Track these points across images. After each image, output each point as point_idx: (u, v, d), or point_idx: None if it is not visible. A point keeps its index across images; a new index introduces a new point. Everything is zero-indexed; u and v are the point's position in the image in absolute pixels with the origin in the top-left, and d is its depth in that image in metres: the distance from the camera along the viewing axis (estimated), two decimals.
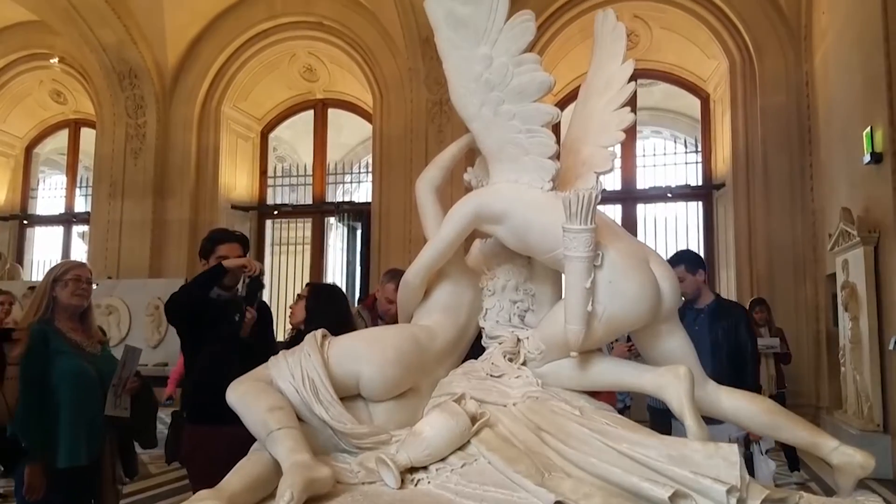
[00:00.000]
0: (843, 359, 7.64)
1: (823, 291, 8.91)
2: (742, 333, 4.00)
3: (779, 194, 9.39)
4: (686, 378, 2.06)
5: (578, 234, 2.02)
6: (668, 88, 11.85)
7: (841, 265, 7.69)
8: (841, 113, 8.03)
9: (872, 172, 6.97)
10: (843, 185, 7.96)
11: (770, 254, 9.37)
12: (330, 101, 12.47)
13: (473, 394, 2.19)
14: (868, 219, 7.09)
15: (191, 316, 3.24)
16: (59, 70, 12.47)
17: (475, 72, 2.27)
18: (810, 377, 8.91)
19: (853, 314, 7.32)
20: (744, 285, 9.52)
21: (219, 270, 3.21)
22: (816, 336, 9.02)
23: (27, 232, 13.87)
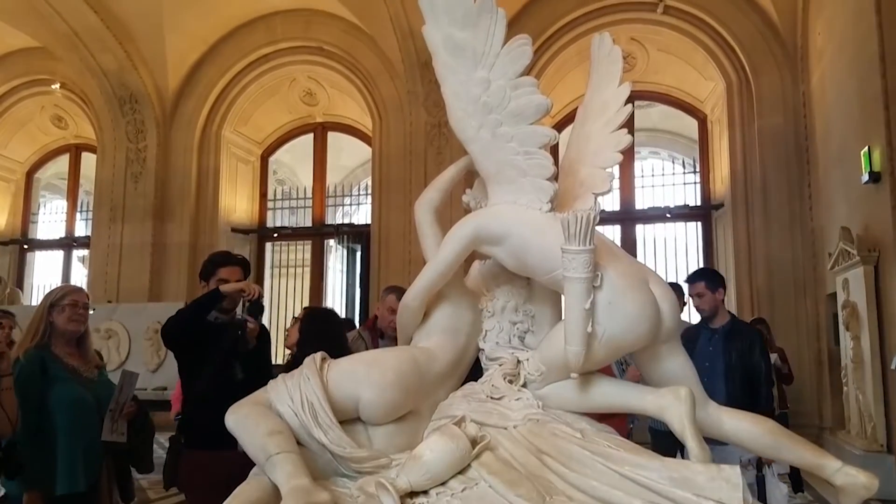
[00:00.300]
0: (845, 378, 7.60)
1: (824, 311, 8.88)
2: (756, 355, 3.98)
3: (778, 214, 9.42)
4: (687, 399, 2.05)
5: (577, 254, 2.02)
6: (666, 109, 11.94)
7: (841, 284, 7.68)
8: (838, 133, 8.07)
9: (871, 192, 6.98)
10: (842, 204, 7.98)
11: (770, 273, 9.37)
12: (329, 124, 12.55)
13: (474, 416, 2.18)
14: (867, 238, 7.09)
15: (187, 340, 3.21)
16: (61, 95, 12.55)
17: (473, 95, 2.29)
18: (812, 397, 8.86)
19: (854, 333, 7.29)
20: (744, 305, 9.50)
21: (215, 295, 3.17)
22: (818, 356, 8.98)
23: (27, 256, 13.87)
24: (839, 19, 7.80)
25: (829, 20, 8.18)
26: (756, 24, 9.58)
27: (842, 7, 7.68)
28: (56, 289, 3.35)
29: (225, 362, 3.14)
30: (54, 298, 3.25)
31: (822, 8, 8.41)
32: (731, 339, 4.00)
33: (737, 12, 9.64)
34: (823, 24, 8.41)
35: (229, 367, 3.14)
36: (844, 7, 7.59)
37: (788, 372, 7.02)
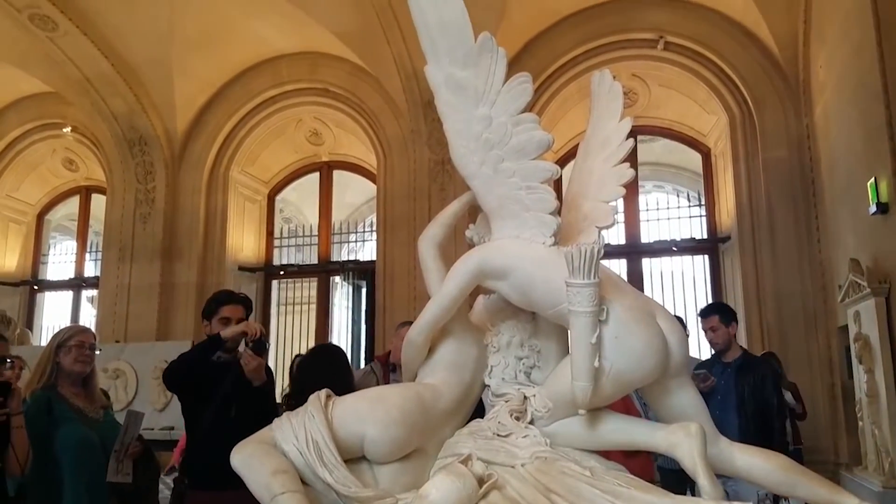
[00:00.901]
0: (860, 413, 7.46)
1: (836, 344, 8.77)
2: (768, 390, 3.97)
3: (785, 246, 9.37)
4: (698, 436, 2.03)
5: (582, 288, 2.02)
6: (669, 143, 11.99)
7: (853, 317, 7.59)
8: (844, 164, 8.08)
9: (879, 223, 6.96)
10: (850, 236, 7.94)
11: (779, 306, 9.29)
12: (335, 163, 12.68)
13: (480, 454, 2.16)
14: (877, 269, 7.04)
15: (189, 384, 3.22)
16: (72, 139, 12.74)
17: (475, 131, 2.32)
18: (827, 433, 8.69)
19: (868, 366, 7.18)
20: (754, 339, 9.40)
21: (216, 341, 3.18)
22: (831, 390, 8.85)
23: (37, 297, 13.93)
24: (840, 52, 7.87)
25: (830, 53, 8.26)
26: (757, 59, 9.67)
27: (842, 40, 7.76)
28: (63, 329, 3.38)
29: (227, 402, 3.12)
30: (61, 339, 3.27)
31: (822, 41, 8.49)
32: (743, 373, 3.99)
33: (737, 47, 9.74)
34: (825, 57, 8.49)
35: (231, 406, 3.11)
36: (845, 40, 7.67)
37: (802, 409, 6.90)
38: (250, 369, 3.12)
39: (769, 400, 3.93)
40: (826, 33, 8.34)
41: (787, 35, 9.21)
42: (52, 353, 3.24)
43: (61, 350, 3.25)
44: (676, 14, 9.86)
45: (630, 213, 11.32)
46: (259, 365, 3.15)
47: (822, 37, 8.49)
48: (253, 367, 3.11)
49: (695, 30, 9.83)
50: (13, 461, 2.77)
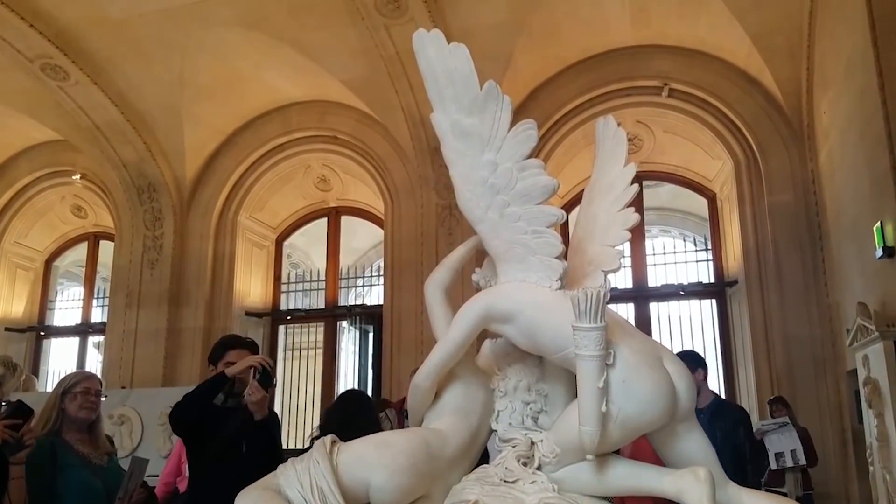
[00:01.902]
0: (870, 458, 7.32)
1: (845, 388, 8.67)
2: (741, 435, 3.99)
3: (793, 290, 9.34)
4: (707, 481, 2.01)
5: (589, 332, 2.02)
6: (675, 189, 12.06)
7: (861, 361, 7.52)
8: (850, 208, 8.10)
9: (886, 267, 6.95)
10: (857, 279, 7.92)
11: (788, 351, 9.21)
12: (343, 208, 12.77)
13: (487, 500, 2.15)
14: (885, 313, 6.99)
15: (194, 424, 3.19)
16: (81, 186, 12.90)
17: (481, 177, 2.36)
18: (839, 478, 8.52)
19: (878, 411, 7.07)
20: (763, 383, 9.30)
21: (220, 380, 3.16)
22: (842, 435, 8.70)
23: (44, 343, 13.93)
24: (843, 98, 7.97)
25: (834, 99, 8.36)
26: (761, 105, 9.78)
27: (845, 86, 7.86)
28: (69, 375, 3.38)
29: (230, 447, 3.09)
30: (67, 385, 3.28)
31: (826, 87, 8.61)
32: (716, 418, 4.02)
33: (741, 93, 9.87)
34: (828, 103, 8.59)
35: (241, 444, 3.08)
36: (848, 86, 7.77)
37: (813, 455, 6.78)
38: (254, 401, 3.08)
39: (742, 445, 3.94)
40: (829, 79, 8.46)
41: (790, 81, 9.34)
42: (57, 399, 3.24)
43: (67, 396, 3.25)
44: (681, 62, 10.03)
45: (637, 257, 11.32)
46: (264, 398, 3.11)
47: (826, 83, 8.61)
48: (257, 398, 3.08)
49: (699, 77, 9.99)
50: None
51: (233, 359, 3.31)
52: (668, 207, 13.37)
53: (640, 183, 10.30)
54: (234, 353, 3.36)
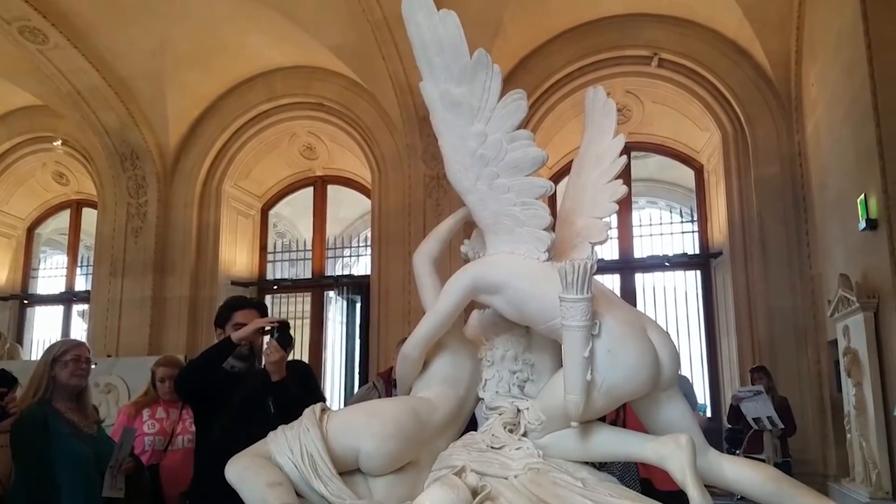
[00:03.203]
0: (848, 426, 7.52)
1: (826, 358, 8.84)
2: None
3: (776, 262, 9.44)
4: (688, 447, 2.05)
5: (575, 303, 2.04)
6: (662, 160, 12.08)
7: (842, 331, 7.66)
8: (835, 181, 8.16)
9: (868, 239, 7.03)
10: (840, 251, 8.02)
11: (770, 321, 9.34)
12: (329, 177, 12.69)
13: (474, 466, 2.18)
14: (866, 285, 7.11)
15: (202, 391, 3.08)
16: (62, 152, 12.72)
17: (470, 148, 2.34)
18: (817, 445, 8.73)
19: (856, 380, 7.24)
20: (745, 353, 9.45)
21: (227, 345, 3.02)
22: (821, 403, 8.89)
23: (27, 312, 13.85)
24: (832, 71, 7.97)
25: (822, 71, 8.36)
26: (750, 76, 9.76)
27: (834, 59, 7.87)
28: (58, 343, 3.36)
29: (240, 415, 2.96)
30: (56, 353, 3.25)
31: (814, 59, 8.60)
32: None
33: (731, 64, 9.85)
34: (816, 74, 8.59)
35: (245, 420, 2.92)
36: (837, 59, 7.77)
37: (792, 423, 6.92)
38: (272, 361, 2.92)
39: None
40: (818, 51, 8.45)
41: (779, 53, 9.32)
42: (47, 367, 3.22)
43: (57, 364, 3.23)
44: (671, 31, 9.97)
45: (623, 228, 11.37)
46: (282, 358, 2.93)
47: (815, 55, 8.60)
48: (275, 359, 2.91)
49: (689, 47, 9.94)
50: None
51: (240, 320, 3.16)
52: (656, 179, 13.40)
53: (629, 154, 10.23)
54: (241, 313, 3.20)
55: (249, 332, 3.00)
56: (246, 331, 3.00)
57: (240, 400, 2.97)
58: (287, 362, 3.00)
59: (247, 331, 3.00)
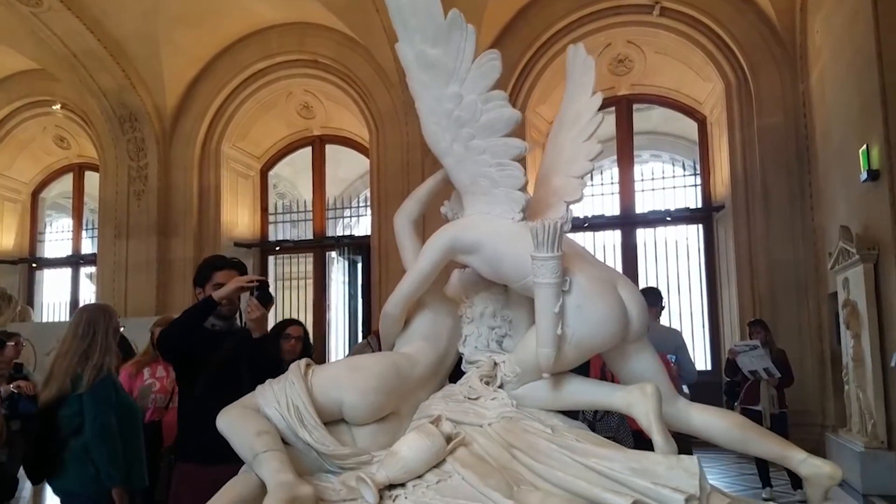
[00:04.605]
0: (846, 377, 7.60)
1: (826, 310, 8.88)
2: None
3: (779, 214, 9.41)
4: (653, 395, 2.13)
5: (546, 261, 2.09)
6: (666, 112, 11.95)
7: (842, 283, 7.68)
8: (838, 131, 8.08)
9: (870, 190, 6.99)
10: (842, 203, 7.98)
11: (771, 274, 9.36)
12: (327, 137, 12.66)
13: (451, 415, 2.28)
14: (867, 236, 7.10)
15: (183, 351, 3.14)
16: (62, 116, 12.76)
17: (446, 109, 2.36)
18: (815, 396, 8.84)
19: (855, 332, 7.29)
20: (746, 307, 9.50)
21: (209, 304, 3.05)
22: (820, 355, 8.97)
23: (36, 275, 14.06)
24: (837, 18, 7.82)
25: (827, 18, 8.19)
26: (754, 24, 9.58)
27: (839, 5, 7.71)
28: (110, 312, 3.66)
29: (222, 373, 3.03)
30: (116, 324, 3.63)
31: (819, 6, 8.43)
32: None
33: (734, 12, 9.66)
34: (821, 22, 8.42)
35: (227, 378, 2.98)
36: (841, 5, 7.62)
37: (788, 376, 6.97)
38: (253, 318, 2.97)
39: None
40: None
41: (784, 0, 9.12)
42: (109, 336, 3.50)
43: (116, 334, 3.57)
44: None
45: (625, 183, 11.33)
46: (263, 315, 2.99)
47: (819, 2, 8.42)
48: (256, 316, 2.97)
49: None
50: None
51: (220, 280, 3.17)
52: (660, 131, 13.27)
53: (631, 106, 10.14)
54: (222, 273, 3.21)
55: (230, 291, 3.03)
56: (226, 290, 3.03)
57: (221, 358, 3.05)
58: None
59: (227, 290, 3.03)
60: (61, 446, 3.42)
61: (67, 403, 3.40)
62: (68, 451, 3.41)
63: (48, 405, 3.43)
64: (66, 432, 3.41)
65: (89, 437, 3.39)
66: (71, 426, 3.41)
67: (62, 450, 3.42)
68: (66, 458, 3.41)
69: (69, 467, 3.40)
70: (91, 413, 3.38)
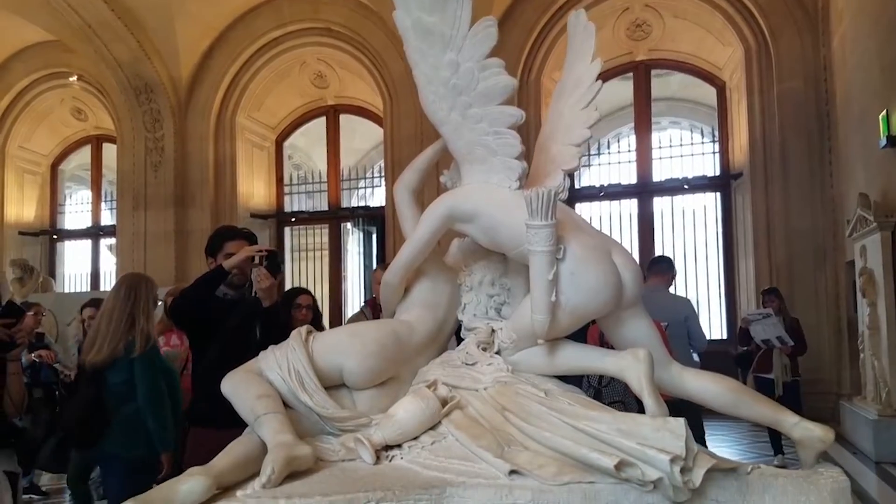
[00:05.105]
0: (861, 345, 7.55)
1: (844, 278, 8.79)
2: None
3: (797, 181, 9.28)
4: (646, 360, 2.15)
5: (540, 229, 2.11)
6: (686, 78, 11.74)
7: (859, 251, 7.59)
8: (858, 97, 7.92)
9: (889, 156, 6.88)
10: (861, 170, 7.86)
11: (789, 242, 9.27)
12: (341, 106, 12.62)
13: (448, 380, 2.34)
14: (885, 204, 7.01)
15: (195, 319, 3.22)
16: (79, 88, 12.84)
17: (443, 77, 2.36)
18: (831, 365, 8.81)
19: (871, 300, 7.23)
20: (762, 275, 9.44)
21: (219, 273, 3.13)
22: (837, 324, 8.91)
23: (57, 246, 14.27)
24: None
25: None
26: None
27: None
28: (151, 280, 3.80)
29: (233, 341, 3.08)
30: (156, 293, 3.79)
31: None
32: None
33: None
34: None
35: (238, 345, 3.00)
36: None
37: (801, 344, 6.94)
38: (263, 287, 3.03)
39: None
40: None
41: None
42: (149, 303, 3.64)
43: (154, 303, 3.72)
44: None
45: (642, 151, 11.21)
46: (272, 284, 3.05)
47: None
48: (266, 285, 3.03)
49: None
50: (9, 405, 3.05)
51: (231, 250, 3.24)
52: (679, 98, 13.05)
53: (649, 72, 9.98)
54: (233, 244, 3.27)
55: (240, 260, 3.10)
56: (236, 259, 3.10)
57: (233, 326, 3.12)
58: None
59: (237, 259, 3.10)
60: (111, 411, 3.50)
61: (117, 368, 3.48)
62: (119, 415, 3.49)
63: (97, 368, 3.48)
64: (116, 397, 3.50)
65: (143, 402, 3.49)
66: (121, 391, 3.50)
67: (112, 414, 3.49)
68: (115, 423, 3.48)
69: (117, 431, 3.47)
70: (145, 379, 3.49)
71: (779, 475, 1.97)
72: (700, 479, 1.85)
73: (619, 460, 1.87)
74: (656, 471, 1.84)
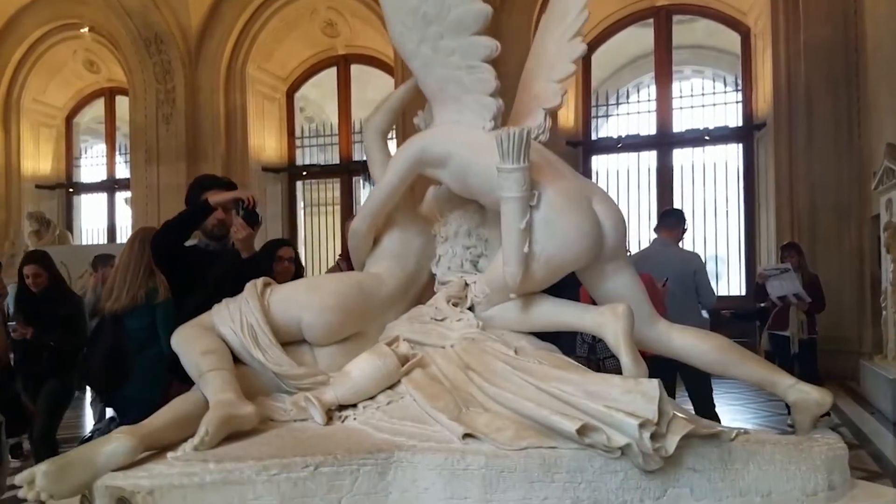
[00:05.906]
0: (884, 303, 7.28)
1: (868, 233, 8.46)
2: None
3: (823, 133, 8.88)
4: (625, 316, 2.01)
5: (511, 173, 1.95)
6: (710, 25, 11.24)
7: (885, 205, 7.28)
8: (889, 44, 7.48)
9: None
10: (889, 120, 7.48)
11: (813, 196, 8.93)
12: (352, 56, 12.32)
13: (414, 336, 2.22)
14: None
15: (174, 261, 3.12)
16: (90, 39, 12.67)
17: (412, 6, 2.18)
18: (853, 322, 8.53)
19: (895, 256, 6.93)
20: (784, 230, 9.13)
21: (203, 208, 3.03)
22: (860, 280, 8.61)
23: (74, 200, 14.31)
24: None
25: None
26: None
27: None
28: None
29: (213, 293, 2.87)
30: None
31: None
32: None
33: None
34: None
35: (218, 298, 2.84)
36: None
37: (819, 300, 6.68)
38: (240, 238, 2.96)
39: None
40: None
41: None
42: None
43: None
44: None
45: (663, 101, 10.84)
46: (250, 235, 2.97)
47: None
48: (243, 235, 2.95)
49: None
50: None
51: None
52: (703, 45, 12.53)
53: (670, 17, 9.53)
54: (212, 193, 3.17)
55: (226, 199, 3.03)
56: (223, 196, 3.04)
57: (213, 277, 3.02)
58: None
59: (224, 196, 3.03)
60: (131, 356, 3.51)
61: (137, 315, 3.47)
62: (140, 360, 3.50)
63: (117, 315, 3.48)
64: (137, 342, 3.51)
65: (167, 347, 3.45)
66: (142, 336, 3.50)
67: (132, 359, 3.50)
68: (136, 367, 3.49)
69: (137, 376, 3.48)
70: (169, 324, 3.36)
71: (766, 442, 1.82)
72: (674, 446, 1.70)
73: (581, 424, 1.72)
74: (624, 436, 1.69)
